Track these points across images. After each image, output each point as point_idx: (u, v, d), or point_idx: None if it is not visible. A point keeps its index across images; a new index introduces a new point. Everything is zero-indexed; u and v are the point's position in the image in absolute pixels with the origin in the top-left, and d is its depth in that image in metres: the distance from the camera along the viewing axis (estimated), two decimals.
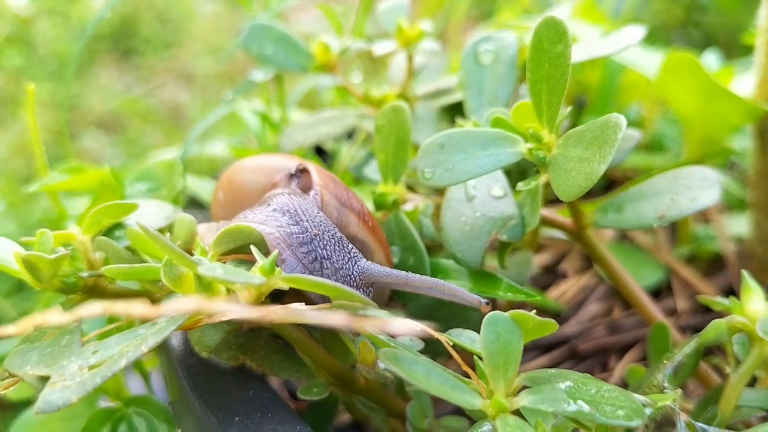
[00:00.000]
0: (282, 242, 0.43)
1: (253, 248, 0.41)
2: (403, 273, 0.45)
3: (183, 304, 0.34)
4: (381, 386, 0.47)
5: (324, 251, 0.44)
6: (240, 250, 0.44)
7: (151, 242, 0.43)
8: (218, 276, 0.35)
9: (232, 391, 0.43)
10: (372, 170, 0.60)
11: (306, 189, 0.49)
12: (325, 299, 0.43)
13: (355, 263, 0.46)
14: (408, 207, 0.54)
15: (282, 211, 0.45)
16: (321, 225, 0.45)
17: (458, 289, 0.44)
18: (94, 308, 0.32)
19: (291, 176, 0.50)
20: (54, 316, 0.32)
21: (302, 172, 0.50)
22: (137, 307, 0.32)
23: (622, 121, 0.40)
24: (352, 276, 0.45)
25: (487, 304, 0.43)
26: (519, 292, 0.48)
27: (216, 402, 0.42)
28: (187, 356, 0.46)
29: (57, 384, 0.35)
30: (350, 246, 0.46)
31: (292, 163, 0.51)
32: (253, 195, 0.51)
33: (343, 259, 0.45)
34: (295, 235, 0.43)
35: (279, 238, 0.43)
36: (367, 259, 0.47)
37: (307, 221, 0.45)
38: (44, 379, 0.37)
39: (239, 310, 0.34)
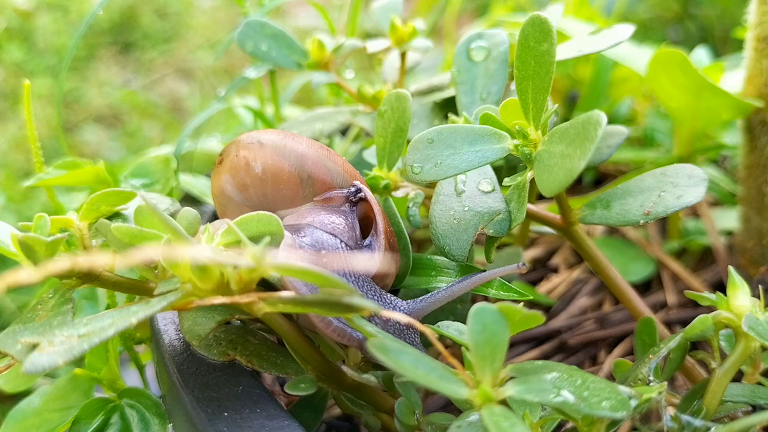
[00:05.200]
0: None
1: (245, 239, 0.41)
2: (444, 293, 0.47)
3: (148, 252, 0.34)
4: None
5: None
6: None
7: (156, 222, 0.44)
8: (206, 256, 0.36)
9: (221, 386, 0.43)
10: (370, 154, 0.60)
11: (361, 217, 0.50)
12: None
13: (400, 310, 0.46)
14: (399, 194, 0.55)
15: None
16: (364, 285, 0.46)
17: (495, 272, 0.47)
18: (62, 263, 0.33)
19: (349, 201, 0.49)
20: (23, 273, 0.32)
21: (361, 200, 0.49)
22: (102, 258, 0.33)
23: (603, 118, 0.40)
24: (401, 324, 0.46)
25: (524, 265, 0.46)
26: (511, 290, 0.48)
27: (205, 397, 0.42)
28: (178, 351, 0.47)
29: (45, 349, 0.35)
30: (388, 295, 0.47)
31: (348, 173, 0.50)
32: (297, 190, 0.50)
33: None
34: None
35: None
36: (386, 284, 0.49)
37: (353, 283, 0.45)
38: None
39: (203, 251, 0.34)
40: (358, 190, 0.49)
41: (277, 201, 0.50)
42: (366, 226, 0.50)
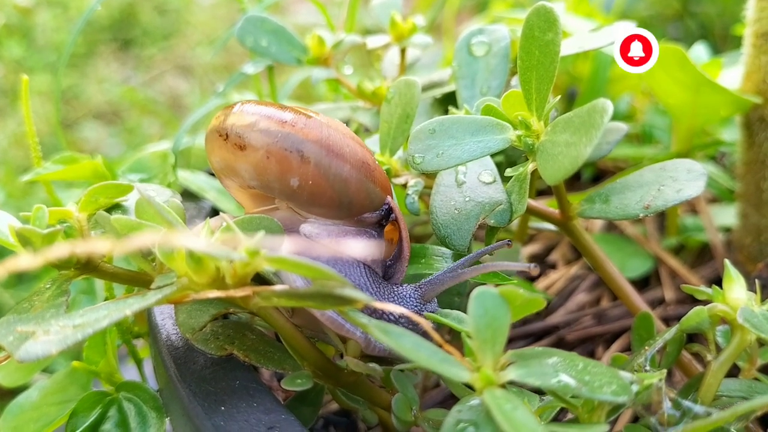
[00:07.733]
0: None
1: (238, 232, 0.41)
2: (451, 275, 0.47)
3: (143, 239, 0.34)
4: (365, 379, 0.47)
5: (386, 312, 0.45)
6: None
7: (155, 214, 0.44)
8: (199, 248, 0.36)
9: (218, 381, 0.43)
10: (373, 142, 0.60)
11: (389, 237, 0.50)
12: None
13: (411, 297, 0.47)
14: (399, 181, 0.55)
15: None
16: (379, 293, 0.47)
17: (506, 264, 0.47)
18: (62, 249, 0.33)
19: (380, 222, 0.49)
20: (24, 259, 0.32)
21: (392, 221, 0.49)
22: (100, 244, 0.33)
23: (609, 105, 0.40)
24: (414, 308, 0.47)
25: (536, 267, 0.46)
26: (497, 277, 0.48)
27: (202, 391, 0.42)
28: (176, 346, 0.47)
29: (40, 338, 0.35)
30: (395, 288, 0.47)
31: (384, 189, 0.49)
32: (332, 211, 0.48)
33: (402, 303, 0.47)
34: None
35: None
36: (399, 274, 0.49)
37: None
38: None
39: (197, 242, 0.35)
40: (390, 212, 0.49)
41: (303, 207, 0.48)
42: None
